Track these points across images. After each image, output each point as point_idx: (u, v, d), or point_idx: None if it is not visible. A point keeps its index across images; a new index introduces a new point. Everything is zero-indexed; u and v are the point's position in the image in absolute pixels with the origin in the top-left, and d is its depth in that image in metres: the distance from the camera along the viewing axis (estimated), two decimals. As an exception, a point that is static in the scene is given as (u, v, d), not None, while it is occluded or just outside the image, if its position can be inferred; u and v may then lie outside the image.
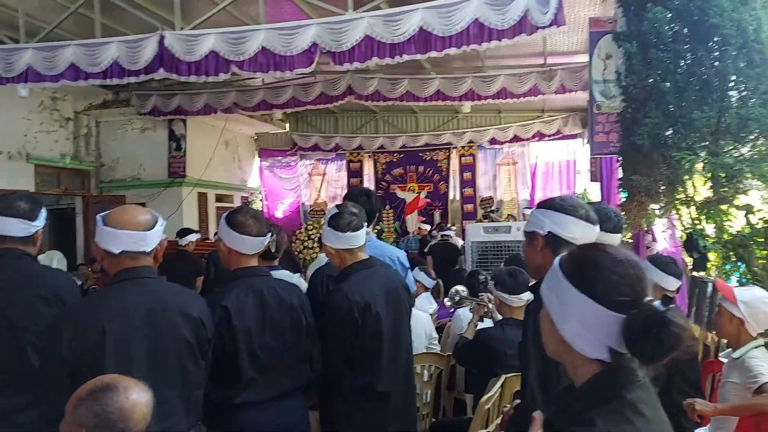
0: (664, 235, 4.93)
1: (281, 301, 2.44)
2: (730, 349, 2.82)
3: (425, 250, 9.91)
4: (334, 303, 2.59)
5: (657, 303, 1.11)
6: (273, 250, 3.47)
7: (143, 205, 10.76)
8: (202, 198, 11.05)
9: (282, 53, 5.85)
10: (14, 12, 6.46)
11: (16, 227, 2.36)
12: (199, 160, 10.71)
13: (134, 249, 2.03)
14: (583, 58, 8.49)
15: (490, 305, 3.61)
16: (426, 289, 5.45)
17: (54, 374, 1.94)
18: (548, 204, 1.92)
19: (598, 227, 1.89)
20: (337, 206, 2.83)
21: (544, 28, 5.46)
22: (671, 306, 1.09)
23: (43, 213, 2.49)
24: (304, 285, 3.12)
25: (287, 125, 13.14)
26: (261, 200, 13.17)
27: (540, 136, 12.20)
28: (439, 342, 4.43)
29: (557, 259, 1.27)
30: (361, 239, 2.69)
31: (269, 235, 2.63)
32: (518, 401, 2.13)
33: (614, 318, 1.12)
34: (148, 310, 2.00)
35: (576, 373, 1.21)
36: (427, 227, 10.90)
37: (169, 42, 5.91)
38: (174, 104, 9.76)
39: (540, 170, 12.74)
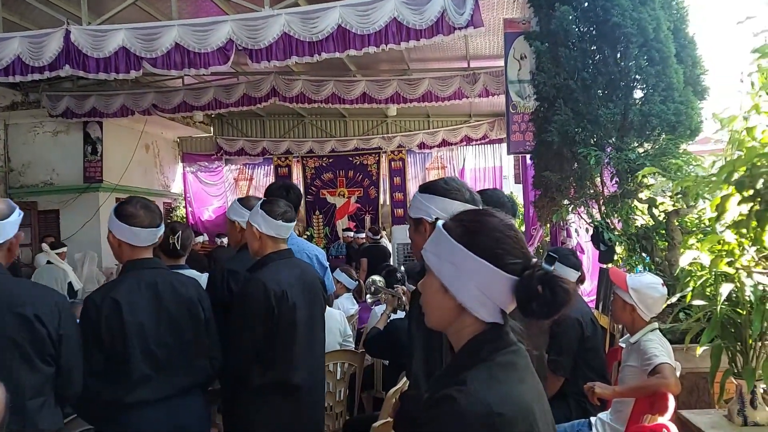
0: (574, 229, 5.07)
1: (178, 295, 2.33)
2: (628, 335, 2.90)
3: (357, 253, 9.87)
4: (249, 291, 2.50)
5: (544, 264, 1.17)
6: (178, 248, 3.34)
7: (57, 212, 10.30)
8: (122, 204, 10.60)
9: (196, 50, 5.69)
10: None
11: None
12: (117, 165, 10.27)
13: None
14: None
15: (403, 297, 3.60)
16: (347, 290, 5.41)
17: None
18: (433, 189, 1.87)
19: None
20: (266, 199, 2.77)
21: (461, 29, 5.54)
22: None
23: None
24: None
25: (211, 129, 12.84)
26: (185, 206, 12.78)
27: (468, 140, 12.42)
28: (357, 342, 4.39)
29: (440, 225, 1.25)
30: (289, 231, 2.67)
31: (162, 226, 2.51)
32: (404, 389, 2.11)
33: (509, 280, 1.15)
34: None
35: (458, 339, 1.22)
36: (353, 234, 10.83)
37: (76, 37, 5.64)
38: (88, 106, 9.33)
39: (468, 174, 12.93)
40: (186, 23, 5.70)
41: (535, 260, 1.17)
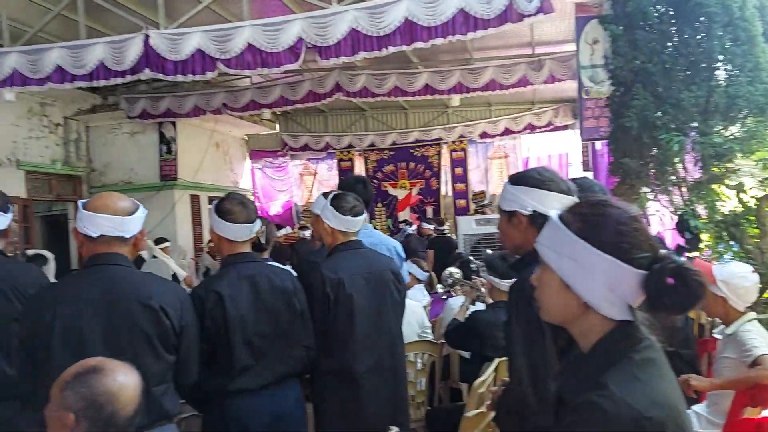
0: (657, 217, 4.93)
1: (274, 287, 2.42)
2: (723, 326, 2.82)
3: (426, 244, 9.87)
4: (310, 280, 2.59)
5: (674, 256, 1.11)
6: (263, 242, 3.46)
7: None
8: (195, 200, 10.99)
9: (268, 50, 5.83)
10: (-3, 16, 6.44)
11: None
12: (190, 163, 10.65)
13: (112, 233, 2.01)
14: (572, 47, 8.46)
15: (482, 289, 3.60)
16: (418, 281, 5.45)
17: (19, 358, 2.02)
18: (526, 180, 1.84)
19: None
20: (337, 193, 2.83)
21: (530, 16, 5.45)
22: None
23: (11, 207, 2.48)
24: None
25: (277, 126, 13.11)
26: (253, 201, 13.13)
27: (531, 128, 12.21)
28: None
29: (556, 218, 1.20)
30: (358, 225, 2.73)
31: (258, 222, 2.61)
32: (507, 381, 2.11)
33: (637, 275, 1.09)
34: (102, 299, 1.96)
35: (586, 338, 1.17)
36: (429, 226, 10.78)
37: (154, 41, 5.88)
38: (163, 107, 9.71)
39: (532, 163, 12.73)
40: (257, 23, 5.85)
41: (664, 252, 1.12)
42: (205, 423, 2.41)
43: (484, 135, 12.55)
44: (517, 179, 1.89)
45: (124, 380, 1.54)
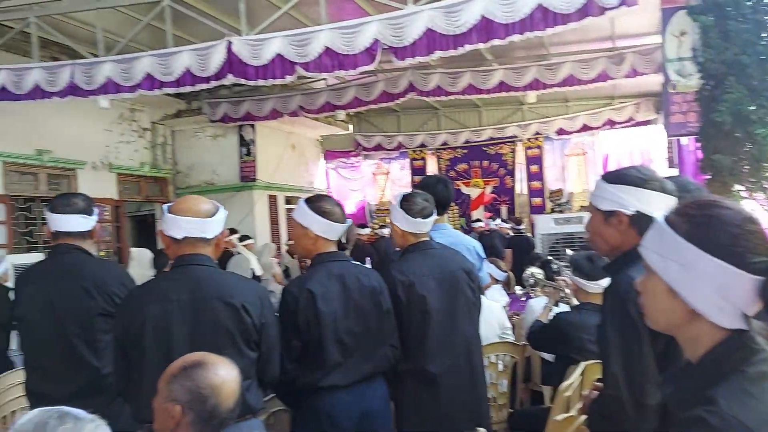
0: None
1: (362, 285, 2.46)
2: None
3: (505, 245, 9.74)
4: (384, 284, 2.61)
5: None
6: (344, 241, 3.53)
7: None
8: (272, 200, 11.33)
9: (345, 52, 5.91)
10: (93, 28, 6.83)
11: (77, 222, 2.51)
12: (268, 164, 10.99)
13: (195, 235, 2.11)
14: (655, 39, 8.17)
15: (567, 290, 3.52)
16: (497, 281, 5.40)
17: (113, 354, 2.15)
18: (626, 178, 1.78)
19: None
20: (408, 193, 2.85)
21: (612, 9, 5.28)
22: None
23: (96, 210, 2.63)
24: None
25: (350, 126, 13.30)
26: (329, 201, 13.37)
27: (610, 124, 11.83)
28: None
29: (662, 221, 1.14)
30: (429, 226, 2.73)
31: (349, 221, 2.68)
32: (600, 386, 2.06)
33: (752, 281, 1.02)
34: (189, 297, 2.06)
35: (695, 347, 1.10)
36: (507, 225, 10.62)
37: (237, 48, 6.08)
38: (243, 110, 10.06)
39: (612, 160, 12.33)
40: (335, 27, 5.94)
41: None
42: (295, 418, 2.47)
43: (560, 131, 12.26)
44: (616, 177, 1.82)
45: (225, 374, 1.62)
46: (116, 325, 2.15)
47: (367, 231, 10.13)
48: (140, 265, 6.05)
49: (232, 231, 8.66)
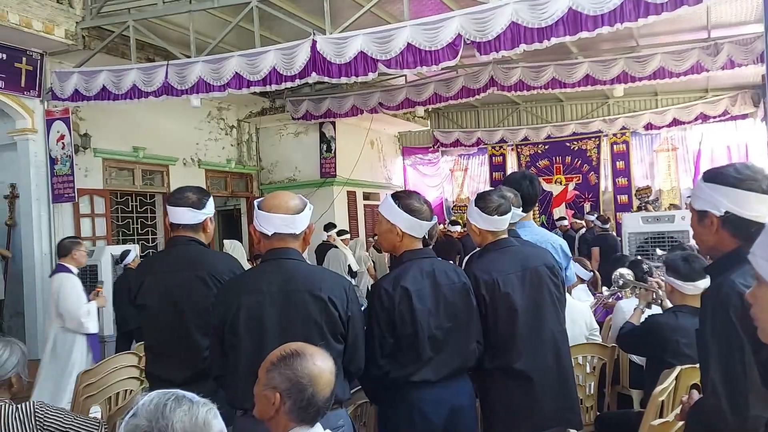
0: None
1: (452, 282, 2.46)
2: None
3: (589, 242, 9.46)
4: None
5: None
6: (427, 237, 3.53)
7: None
8: (351, 196, 11.51)
9: (427, 48, 5.90)
10: (186, 30, 7.15)
11: (187, 215, 2.62)
12: (347, 160, 11.16)
13: (284, 231, 2.18)
14: (755, 28, 7.71)
15: (660, 291, 3.38)
16: (582, 281, 5.25)
17: (210, 341, 2.25)
18: (720, 178, 1.69)
19: None
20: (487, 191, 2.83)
21: (709, -4, 5.02)
22: None
23: (211, 203, 2.72)
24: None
25: (429, 122, 13.28)
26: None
27: (703, 118, 11.26)
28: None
29: None
30: (506, 223, 2.69)
31: (435, 219, 2.68)
32: (698, 394, 1.97)
33: None
34: (280, 290, 2.13)
35: None
36: (591, 217, 10.30)
37: (321, 46, 6.20)
38: (324, 108, 10.26)
39: (705, 156, 11.71)
40: (417, 23, 5.95)
41: None
42: (385, 412, 2.49)
43: (649, 126, 11.77)
44: (711, 176, 1.74)
45: (322, 365, 1.66)
46: (214, 313, 2.25)
47: (457, 228, 10.06)
48: (234, 253, 6.32)
49: (331, 226, 8.93)
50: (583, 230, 10.04)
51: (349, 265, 8.01)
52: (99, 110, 7.90)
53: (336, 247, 8.32)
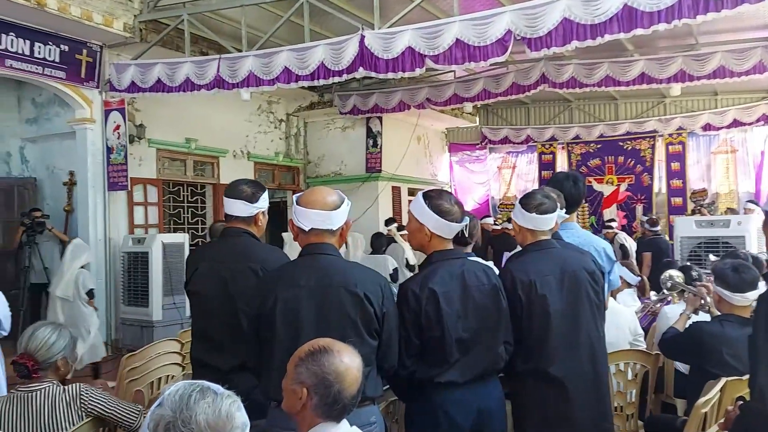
0: None
1: (481, 283, 2.44)
2: None
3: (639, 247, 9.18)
4: (502, 283, 2.56)
5: None
6: (466, 236, 3.50)
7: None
8: (396, 192, 11.51)
9: (476, 44, 5.83)
10: (238, 24, 7.28)
11: (239, 208, 2.68)
12: (393, 156, 11.16)
13: (321, 227, 2.21)
14: (825, 25, 7.32)
15: (708, 298, 3.26)
16: (629, 285, 5.12)
17: (247, 331, 2.29)
18: None
19: None
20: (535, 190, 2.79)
21: (775, -8, 4.79)
22: None
23: (265, 197, 2.77)
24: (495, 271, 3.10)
25: (477, 119, 13.14)
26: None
27: (766, 119, 10.76)
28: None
29: None
30: (547, 223, 2.66)
31: (467, 219, 2.65)
32: (743, 401, 1.90)
33: None
34: (316, 284, 2.16)
35: None
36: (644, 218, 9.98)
37: (369, 41, 6.20)
38: (371, 103, 10.28)
39: (768, 159, 11.22)
40: (466, 18, 5.88)
41: None
42: (412, 411, 2.49)
43: (707, 127, 11.35)
44: None
45: (349, 362, 1.66)
46: (251, 305, 2.28)
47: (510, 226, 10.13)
48: (292, 247, 6.42)
49: (391, 220, 9.01)
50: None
51: (406, 259, 8.07)
52: (153, 102, 8.14)
53: (395, 241, 8.44)
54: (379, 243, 8.34)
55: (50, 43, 7.12)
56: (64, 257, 6.65)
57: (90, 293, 6.42)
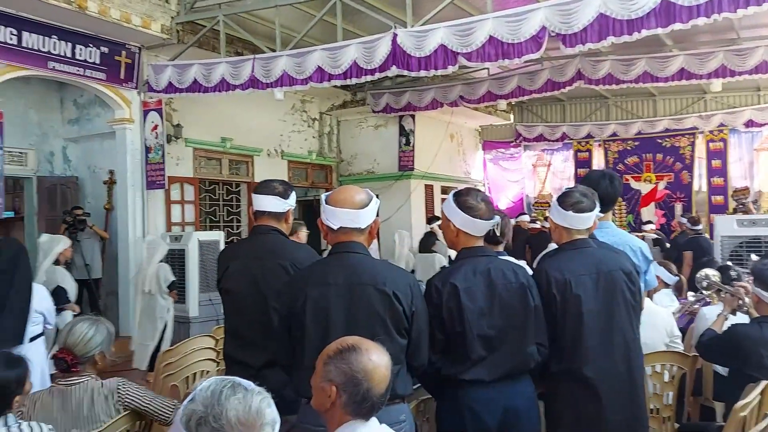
0: None
1: (508, 281, 2.42)
2: None
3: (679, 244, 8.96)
4: (535, 281, 2.54)
5: None
6: (498, 234, 3.47)
7: (377, 197, 11.51)
8: (429, 190, 11.48)
9: (509, 41, 5.78)
10: (272, 24, 7.36)
11: (273, 203, 2.72)
12: (426, 154, 11.14)
13: (349, 225, 2.22)
14: None
15: (746, 299, 3.17)
16: (666, 285, 5.01)
17: (277, 328, 2.32)
18: None
19: None
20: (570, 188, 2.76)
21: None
22: None
23: (294, 196, 2.82)
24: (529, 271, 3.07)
25: (511, 116, 13.02)
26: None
27: (811, 115, 10.41)
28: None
29: None
30: (584, 222, 2.62)
31: (497, 218, 2.63)
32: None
33: None
34: (345, 282, 2.17)
35: None
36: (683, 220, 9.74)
37: (401, 39, 6.20)
38: (404, 101, 10.28)
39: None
40: (499, 15, 5.83)
41: None
42: (439, 409, 2.50)
43: (750, 123, 11.04)
44: None
45: (377, 360, 1.67)
46: (282, 303, 2.31)
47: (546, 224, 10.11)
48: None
49: (435, 218, 9.05)
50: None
51: (449, 256, 8.13)
52: (190, 102, 8.29)
53: (439, 239, 8.44)
54: (428, 242, 8.40)
55: (91, 45, 7.31)
56: (143, 255, 6.89)
57: (172, 285, 6.65)
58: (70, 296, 5.94)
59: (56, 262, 6.03)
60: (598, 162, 12.63)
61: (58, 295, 5.76)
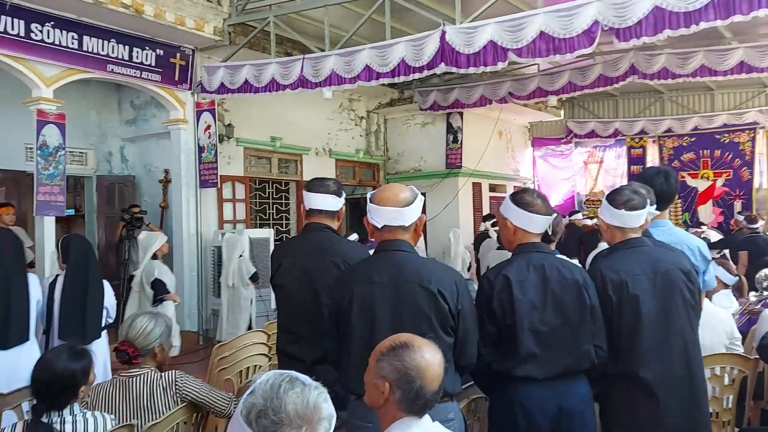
0: None
1: (563, 278, 2.39)
2: None
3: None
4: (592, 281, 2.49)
5: None
6: (550, 233, 3.42)
7: (424, 195, 11.51)
8: (477, 188, 11.38)
9: (561, 36, 5.67)
10: (321, 24, 7.43)
11: (327, 202, 2.75)
12: (473, 151, 11.05)
13: (393, 223, 2.23)
14: None
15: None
16: (726, 286, 4.83)
17: (327, 325, 2.36)
18: None
19: None
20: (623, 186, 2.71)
21: None
22: None
23: (344, 195, 2.87)
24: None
25: (562, 112, 12.78)
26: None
27: None
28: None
29: None
30: (636, 220, 2.57)
31: (554, 215, 2.61)
32: None
33: None
34: (391, 281, 2.18)
35: None
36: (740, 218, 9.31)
37: (450, 36, 6.17)
38: (452, 98, 10.22)
39: None
40: (550, 10, 5.73)
41: None
42: (491, 407, 2.49)
43: (815, 117, 10.52)
44: None
45: (430, 357, 1.67)
46: (331, 301, 2.35)
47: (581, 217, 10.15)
48: None
49: (489, 217, 9.15)
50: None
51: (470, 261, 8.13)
52: (241, 102, 8.46)
53: (489, 236, 8.52)
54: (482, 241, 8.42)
55: (147, 48, 7.54)
56: (223, 254, 7.31)
57: (254, 276, 6.86)
58: (170, 288, 6.28)
59: (153, 257, 6.33)
60: (653, 158, 12.28)
61: (158, 287, 6.20)
